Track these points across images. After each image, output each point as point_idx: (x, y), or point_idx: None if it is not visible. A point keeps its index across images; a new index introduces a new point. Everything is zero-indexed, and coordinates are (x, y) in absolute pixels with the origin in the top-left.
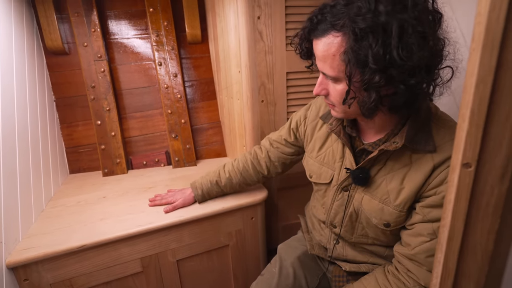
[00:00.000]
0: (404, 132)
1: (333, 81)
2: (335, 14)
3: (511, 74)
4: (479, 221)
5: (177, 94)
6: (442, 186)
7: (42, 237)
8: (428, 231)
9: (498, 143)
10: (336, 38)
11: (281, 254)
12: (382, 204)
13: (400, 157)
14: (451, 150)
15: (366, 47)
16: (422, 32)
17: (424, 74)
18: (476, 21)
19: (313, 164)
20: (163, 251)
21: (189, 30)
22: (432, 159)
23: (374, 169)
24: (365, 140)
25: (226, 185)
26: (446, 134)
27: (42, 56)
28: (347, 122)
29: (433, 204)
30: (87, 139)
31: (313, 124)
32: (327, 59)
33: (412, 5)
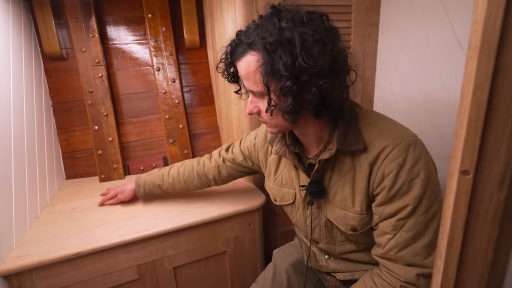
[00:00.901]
0: (335, 137)
1: (260, 97)
2: (248, 36)
3: (508, 81)
4: (478, 229)
5: (175, 99)
6: (384, 180)
7: (36, 244)
8: (390, 227)
9: (496, 150)
10: (253, 56)
11: (275, 260)
12: (343, 210)
13: (343, 163)
14: (380, 146)
15: (277, 59)
16: (320, 40)
17: (332, 75)
18: (472, 29)
19: (273, 188)
20: (160, 258)
21: (187, 36)
22: (366, 158)
23: (325, 179)
24: (310, 154)
25: (168, 188)
26: (374, 130)
27: (40, 61)
28: (289, 141)
29: (383, 201)
30: (84, 144)
31: (263, 150)
32: (249, 76)
33: (308, 21)
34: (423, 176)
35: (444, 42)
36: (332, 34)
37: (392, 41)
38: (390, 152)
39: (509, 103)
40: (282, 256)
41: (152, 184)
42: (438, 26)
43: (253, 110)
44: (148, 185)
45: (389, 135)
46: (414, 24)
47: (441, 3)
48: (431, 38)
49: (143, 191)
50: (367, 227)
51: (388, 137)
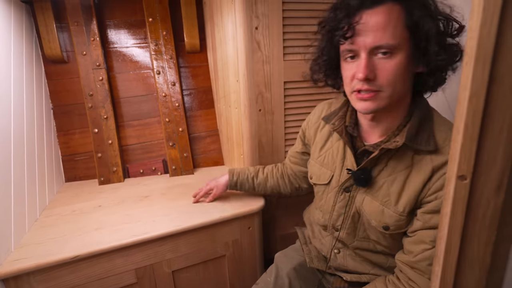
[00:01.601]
0: (405, 131)
1: (388, 54)
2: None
3: (503, 88)
4: (475, 234)
5: (175, 102)
6: (443, 191)
7: (35, 247)
8: (430, 238)
9: (492, 156)
10: (395, 7)
11: (277, 264)
12: (382, 206)
13: (402, 158)
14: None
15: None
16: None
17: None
18: (468, 36)
19: (314, 165)
20: (159, 262)
21: (187, 40)
22: (431, 161)
23: (375, 170)
24: (367, 142)
25: (260, 183)
26: (447, 138)
27: (41, 64)
28: (349, 122)
29: (433, 210)
30: (83, 147)
31: (315, 126)
32: (388, 26)
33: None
34: None
35: None
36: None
37: None
38: None
39: (505, 109)
40: (284, 259)
41: (246, 176)
42: None
43: (369, 75)
44: (242, 175)
45: None
46: None
47: None
48: None
49: (235, 180)
50: (400, 230)
51: None
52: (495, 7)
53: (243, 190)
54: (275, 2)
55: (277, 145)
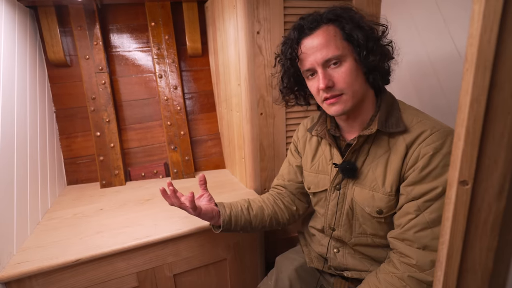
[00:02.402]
0: (376, 119)
1: (338, 63)
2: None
3: (504, 94)
4: (477, 239)
5: (176, 106)
6: (419, 161)
7: (37, 250)
8: (414, 208)
9: (493, 161)
10: (329, 27)
11: (278, 266)
12: (372, 191)
13: (380, 144)
14: (419, 129)
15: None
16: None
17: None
18: (468, 43)
19: (309, 175)
20: (160, 265)
21: (189, 44)
22: (404, 140)
23: (359, 161)
24: (348, 139)
25: (257, 214)
26: (414, 117)
27: (44, 68)
28: (330, 125)
29: (413, 181)
30: (85, 150)
31: (303, 139)
32: (330, 42)
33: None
34: None
35: (443, 52)
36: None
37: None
38: (428, 136)
39: (506, 115)
40: (285, 262)
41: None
42: (438, 37)
43: (328, 83)
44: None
45: (430, 122)
46: (414, 33)
47: (440, 14)
48: (430, 47)
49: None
50: (392, 211)
51: (429, 124)
52: (495, 14)
53: (237, 227)
54: (276, 6)
55: (278, 149)
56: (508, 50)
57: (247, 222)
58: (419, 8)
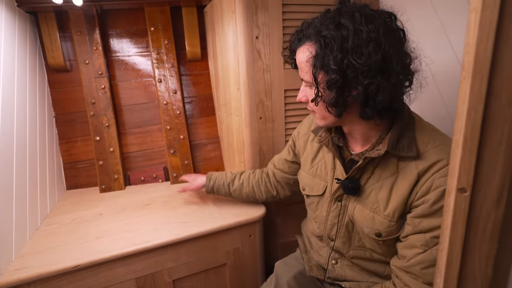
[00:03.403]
0: (386, 140)
1: (309, 86)
2: (309, 27)
3: (501, 102)
4: (477, 246)
5: (176, 110)
6: (430, 194)
7: (35, 256)
8: (421, 242)
9: (492, 169)
10: (308, 46)
11: (277, 272)
12: (373, 213)
13: (387, 166)
14: (435, 157)
15: (328, 52)
16: (375, 39)
17: (379, 76)
18: (465, 51)
19: (306, 176)
20: (159, 271)
21: (189, 48)
22: (416, 167)
23: (363, 178)
24: (354, 151)
25: (235, 190)
26: (430, 142)
27: (44, 73)
28: (334, 133)
29: (422, 214)
30: (85, 155)
31: (305, 137)
32: (302, 65)
33: (368, 19)
34: None
35: (442, 57)
36: (393, 35)
37: None
38: (444, 166)
39: (503, 123)
40: (284, 268)
41: (223, 182)
42: (435, 40)
43: (301, 98)
44: (218, 181)
45: (446, 149)
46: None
47: (437, 17)
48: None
49: (212, 186)
50: (392, 236)
51: (446, 152)
52: (491, 24)
53: (220, 195)
54: (275, 11)
55: (277, 153)
56: (505, 58)
57: (227, 194)
58: (417, 13)
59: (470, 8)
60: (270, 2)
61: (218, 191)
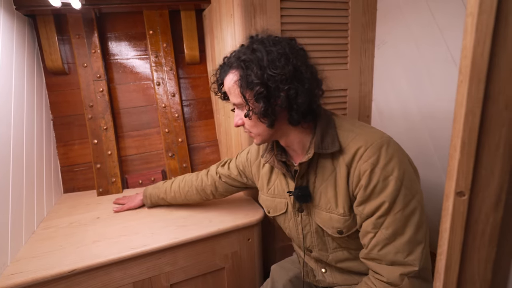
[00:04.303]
0: (313, 142)
1: (241, 109)
2: (230, 58)
3: (498, 105)
4: (475, 250)
5: (174, 113)
6: (361, 180)
7: (31, 260)
8: (370, 226)
9: (490, 172)
10: (233, 73)
11: (273, 276)
12: (329, 213)
13: (325, 166)
14: (354, 147)
15: (250, 72)
16: (284, 54)
17: (295, 82)
18: (462, 55)
19: (267, 199)
20: (157, 275)
21: (187, 52)
22: (343, 160)
23: (310, 184)
24: (296, 163)
25: (171, 201)
26: (350, 134)
27: (42, 75)
28: (277, 151)
29: (361, 200)
30: (82, 158)
31: (256, 163)
32: (231, 90)
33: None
34: (396, 173)
35: (438, 58)
36: (298, 52)
37: (388, 57)
38: (364, 152)
39: (500, 126)
40: (280, 271)
41: (157, 197)
42: (433, 43)
43: (238, 122)
44: (153, 197)
45: (363, 137)
46: (410, 41)
47: (434, 21)
48: (426, 54)
49: (150, 202)
50: (352, 229)
51: (362, 139)
52: (488, 28)
53: (162, 206)
54: (273, 15)
55: None
56: (501, 62)
57: (166, 204)
58: (414, 17)
59: (467, 12)
60: (269, 6)
61: (159, 204)
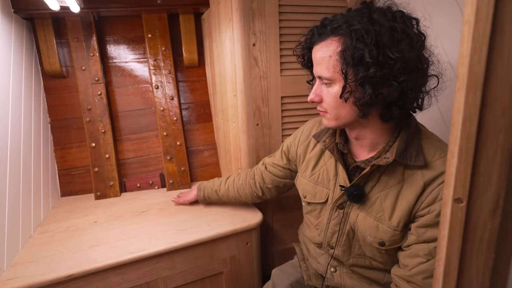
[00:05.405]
0: (394, 148)
1: (328, 84)
2: (334, 22)
3: (496, 112)
4: (474, 257)
5: (173, 116)
6: (435, 204)
7: (28, 265)
8: (424, 251)
9: (487, 179)
10: (333, 41)
11: (274, 280)
12: (377, 222)
13: (393, 174)
14: (441, 168)
15: (362, 46)
16: (410, 35)
17: (414, 74)
18: (459, 62)
19: (307, 183)
20: (155, 280)
21: (186, 55)
22: (422, 176)
23: (368, 186)
24: (358, 158)
25: (223, 195)
26: (437, 152)
27: (40, 79)
28: (339, 139)
29: (427, 224)
30: (80, 161)
31: (305, 144)
32: (323, 61)
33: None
34: None
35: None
36: (420, 37)
37: None
38: None
39: (498, 133)
40: (281, 275)
41: (210, 189)
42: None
43: (315, 98)
44: (207, 189)
45: None
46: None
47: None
48: None
49: (203, 195)
50: (395, 245)
51: None
52: (484, 36)
53: (212, 202)
54: (272, 19)
55: None
56: (498, 70)
57: (217, 200)
58: None
59: (464, 20)
60: (267, 10)
61: (210, 199)
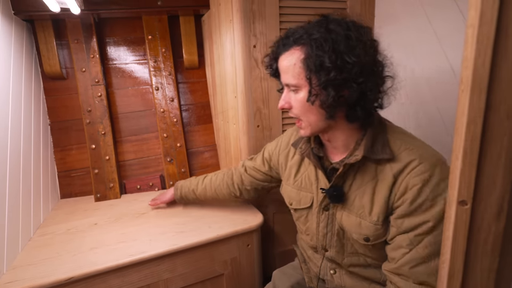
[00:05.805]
0: (362, 145)
1: (295, 90)
2: (296, 33)
3: (500, 115)
4: (478, 260)
5: (173, 118)
6: (407, 193)
7: (27, 268)
8: (406, 242)
9: (492, 181)
10: (296, 50)
11: (275, 282)
12: (359, 218)
13: (366, 171)
14: (408, 158)
15: (321, 53)
16: (364, 41)
17: (372, 76)
18: (463, 65)
19: (291, 191)
20: (155, 282)
21: (186, 56)
22: (391, 169)
23: (346, 185)
24: (333, 160)
25: (200, 194)
26: (402, 144)
27: (40, 80)
28: (314, 144)
29: (402, 214)
30: (80, 163)
31: (285, 152)
32: (289, 69)
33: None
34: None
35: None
36: (373, 43)
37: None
38: (416, 166)
39: (502, 136)
40: (282, 277)
41: (187, 188)
42: (430, 50)
43: (284, 106)
44: (184, 189)
45: (418, 150)
46: (408, 50)
47: (431, 28)
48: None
49: (180, 194)
50: (380, 239)
51: (416, 152)
52: (488, 39)
53: (189, 201)
54: (272, 21)
55: None
56: (502, 73)
57: (194, 199)
58: (411, 24)
59: (468, 23)
60: (268, 11)
61: (187, 198)
